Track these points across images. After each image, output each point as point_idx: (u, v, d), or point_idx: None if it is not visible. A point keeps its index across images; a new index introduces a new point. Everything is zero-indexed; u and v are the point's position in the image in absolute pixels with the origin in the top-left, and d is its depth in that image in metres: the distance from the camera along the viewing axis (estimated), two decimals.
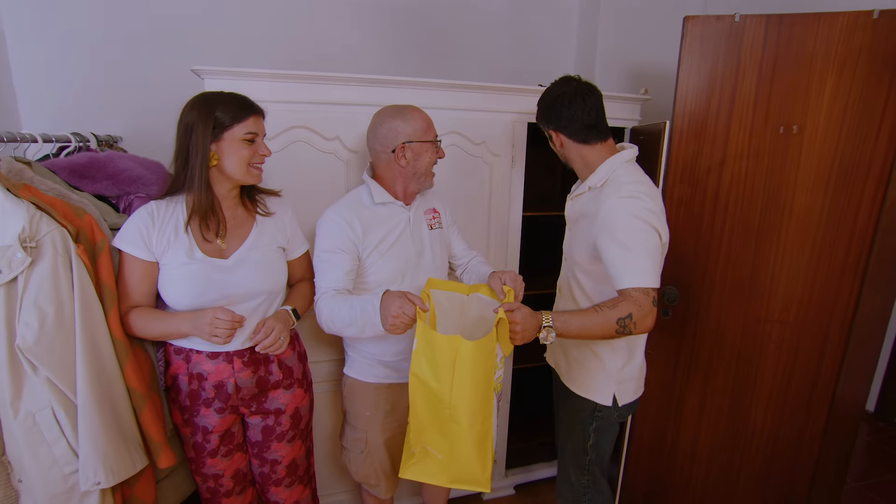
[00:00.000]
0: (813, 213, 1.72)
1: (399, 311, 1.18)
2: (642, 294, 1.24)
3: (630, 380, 1.48)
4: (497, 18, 2.33)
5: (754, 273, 1.80)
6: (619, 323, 1.24)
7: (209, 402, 1.33)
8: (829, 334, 1.82)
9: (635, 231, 1.27)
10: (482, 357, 1.14)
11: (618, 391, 1.46)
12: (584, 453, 1.52)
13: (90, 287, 1.15)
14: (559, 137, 1.42)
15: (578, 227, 1.45)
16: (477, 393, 1.15)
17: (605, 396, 1.46)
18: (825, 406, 1.88)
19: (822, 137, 1.67)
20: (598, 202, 1.35)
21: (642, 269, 1.25)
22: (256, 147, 1.29)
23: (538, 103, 1.45)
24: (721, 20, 1.65)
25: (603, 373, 1.46)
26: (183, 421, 1.34)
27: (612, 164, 1.38)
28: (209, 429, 1.34)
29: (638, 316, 1.24)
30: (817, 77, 1.64)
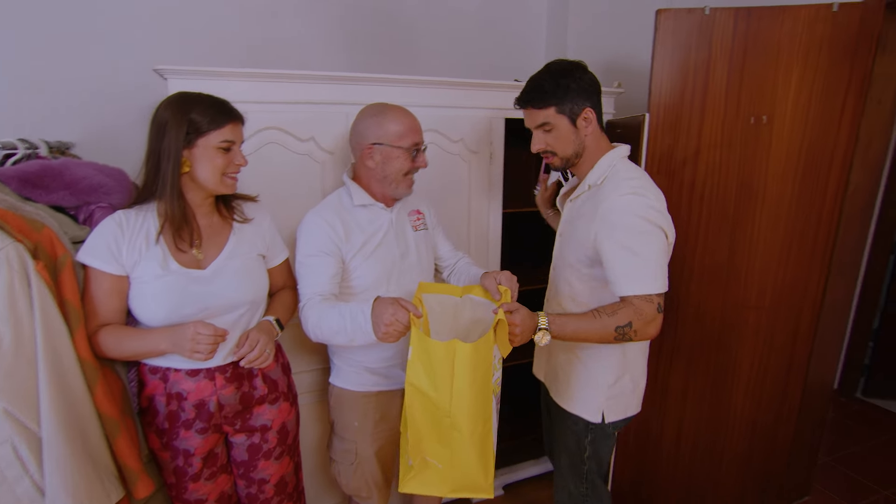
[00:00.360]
0: (783, 200, 1.77)
1: (392, 318, 1.13)
2: (644, 301, 1.20)
3: (621, 396, 1.41)
4: (466, 14, 2.30)
5: (731, 260, 1.84)
6: (618, 331, 1.20)
7: (189, 423, 1.24)
8: (801, 318, 1.88)
9: (640, 233, 1.20)
10: (480, 359, 1.11)
11: (606, 408, 1.40)
12: (581, 464, 1.47)
13: (52, 306, 1.05)
14: (593, 115, 1.30)
15: (574, 229, 1.36)
16: (477, 397, 1.12)
17: (593, 412, 1.40)
18: (799, 387, 1.95)
19: (789, 127, 1.72)
20: (596, 201, 1.28)
21: (646, 274, 1.20)
22: (232, 156, 1.21)
23: (567, 87, 1.27)
24: (692, 13, 1.67)
25: (592, 387, 1.40)
26: (161, 445, 1.25)
27: (611, 160, 1.33)
28: (191, 451, 1.26)
29: (639, 324, 1.19)
30: (783, 68, 1.68)
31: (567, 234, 1.42)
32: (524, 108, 1.35)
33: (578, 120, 1.30)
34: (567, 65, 1.31)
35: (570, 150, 1.34)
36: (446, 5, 2.25)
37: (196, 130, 1.14)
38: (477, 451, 1.14)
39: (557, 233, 1.49)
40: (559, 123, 1.30)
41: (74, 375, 1.09)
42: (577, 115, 1.29)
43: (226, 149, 1.19)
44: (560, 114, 1.29)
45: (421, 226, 1.53)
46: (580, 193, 1.38)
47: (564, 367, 1.44)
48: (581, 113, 1.29)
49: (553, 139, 1.33)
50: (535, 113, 1.32)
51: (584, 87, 1.29)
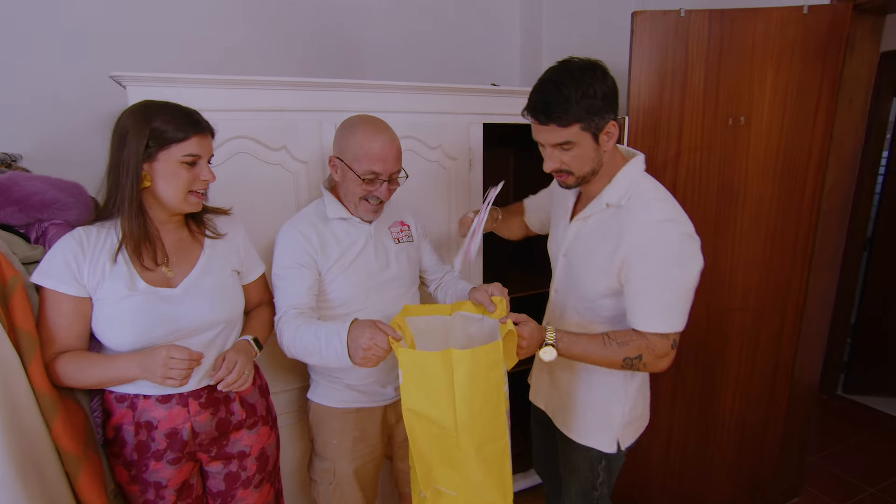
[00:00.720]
0: (764, 201, 1.77)
1: (370, 342, 1.06)
2: (660, 338, 1.12)
3: (635, 420, 1.33)
4: (439, 18, 2.27)
5: (714, 264, 1.82)
6: (626, 361, 1.13)
7: (160, 454, 1.14)
8: (785, 318, 1.88)
9: (675, 266, 1.10)
10: (484, 367, 1.02)
11: (622, 436, 1.31)
12: (592, 490, 1.37)
13: (2, 335, 0.95)
14: (616, 128, 1.13)
15: (591, 256, 1.21)
16: (484, 409, 1.03)
17: (608, 443, 1.30)
18: (786, 387, 1.94)
19: (766, 128, 1.73)
20: (620, 223, 1.14)
21: (670, 312, 1.12)
22: (198, 171, 1.12)
23: (594, 97, 1.07)
24: (668, 15, 1.67)
25: (606, 418, 1.30)
26: (130, 478, 1.15)
27: (631, 174, 1.18)
28: (162, 483, 1.16)
29: (649, 358, 1.13)
30: (758, 69, 1.69)
31: (578, 258, 1.26)
32: (543, 125, 1.12)
33: (601, 135, 1.12)
34: (588, 67, 1.09)
35: (588, 167, 1.16)
36: (419, 9, 2.21)
37: (157, 142, 1.06)
38: (490, 470, 1.06)
39: (560, 252, 1.32)
40: (582, 141, 1.11)
41: (29, 410, 0.99)
42: (601, 130, 1.11)
43: (190, 163, 1.10)
44: (585, 131, 1.10)
45: (404, 237, 1.47)
46: (593, 213, 1.22)
47: (572, 396, 1.34)
48: (605, 127, 1.11)
49: (571, 158, 1.14)
50: (556, 131, 1.10)
51: (610, 94, 1.10)
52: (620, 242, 1.13)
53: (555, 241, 1.38)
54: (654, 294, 1.12)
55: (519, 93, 1.83)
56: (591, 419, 1.31)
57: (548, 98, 1.08)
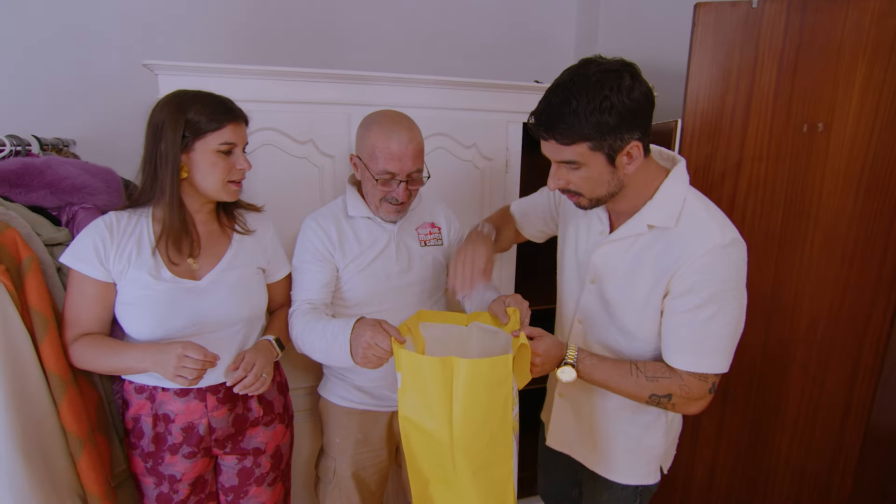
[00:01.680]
0: (841, 220, 1.54)
1: (371, 342, 1.02)
2: (698, 380, 0.98)
3: (672, 444, 1.23)
4: (489, 12, 2.17)
5: (776, 287, 1.62)
6: (652, 398, 1.00)
7: (176, 447, 1.15)
8: (861, 355, 1.63)
9: (735, 298, 0.96)
10: (488, 382, 0.92)
11: (665, 463, 1.21)
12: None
13: (13, 313, 0.98)
14: (640, 151, 0.93)
15: (634, 286, 1.04)
16: (485, 428, 0.94)
17: (649, 476, 1.18)
18: (859, 434, 1.69)
19: (850, 136, 1.50)
20: (671, 248, 0.97)
21: (715, 349, 0.97)
22: (234, 160, 1.12)
23: (608, 110, 0.87)
24: (737, 6, 1.48)
25: (641, 451, 1.17)
26: (145, 469, 1.16)
27: (676, 191, 0.99)
28: (177, 477, 1.16)
29: (680, 400, 0.99)
30: (846, 68, 1.47)
31: (616, 288, 1.07)
32: (544, 139, 0.96)
33: (620, 156, 0.92)
34: (610, 74, 0.88)
35: (604, 191, 0.98)
36: (469, 6, 2.13)
37: (193, 132, 1.06)
38: (489, 500, 0.97)
39: (587, 277, 1.13)
40: (592, 163, 0.94)
41: (37, 388, 1.02)
42: (618, 151, 0.92)
43: (226, 152, 1.10)
44: (595, 150, 0.92)
45: (432, 241, 1.39)
46: (631, 235, 1.03)
47: (609, 441, 1.19)
48: (625, 148, 0.91)
49: (580, 179, 0.97)
50: (559, 148, 0.94)
51: (633, 108, 0.88)
52: (671, 271, 0.97)
53: (573, 261, 1.19)
54: (699, 326, 0.96)
55: None
56: (626, 458, 1.17)
57: (553, 108, 0.91)
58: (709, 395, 1.00)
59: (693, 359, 0.98)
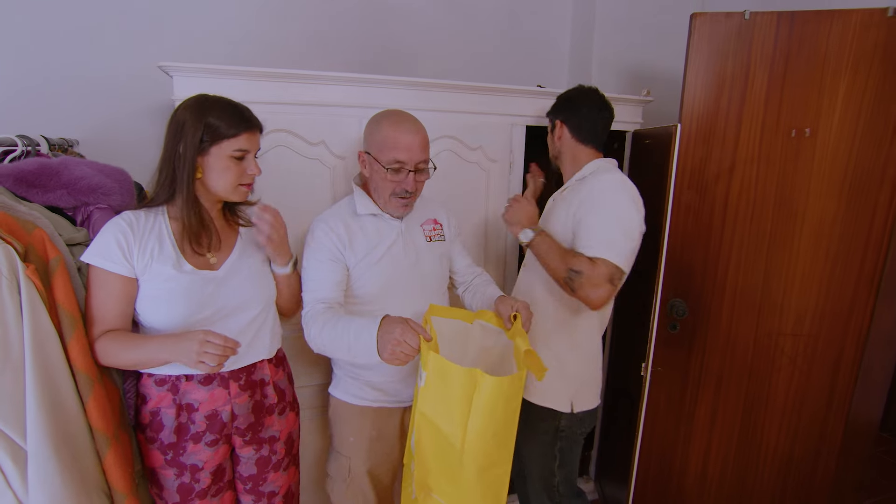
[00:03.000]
0: (826, 221, 1.64)
1: (401, 339, 1.04)
2: (603, 264, 1.26)
3: (588, 384, 1.49)
4: (488, 19, 2.22)
5: (766, 284, 1.70)
6: (570, 272, 1.28)
7: (199, 436, 1.17)
8: (844, 348, 1.73)
9: (622, 213, 1.31)
10: (506, 397, 1.00)
11: (575, 397, 1.46)
12: (551, 476, 1.50)
13: (43, 312, 0.99)
14: (562, 130, 1.50)
15: (556, 216, 1.46)
16: (495, 436, 1.01)
17: (563, 402, 1.46)
18: (841, 423, 1.79)
19: (835, 141, 1.59)
20: (579, 189, 1.40)
21: (617, 245, 1.27)
22: (246, 165, 1.16)
23: (559, 96, 1.53)
24: (730, 17, 1.56)
25: (560, 377, 1.44)
26: (165, 462, 1.17)
27: (598, 163, 1.46)
28: (199, 466, 1.19)
29: (587, 280, 1.25)
30: (830, 77, 1.56)
31: (545, 222, 1.50)
32: None
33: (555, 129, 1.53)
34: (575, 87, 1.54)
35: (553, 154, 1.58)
36: (469, 10, 2.17)
37: (211, 137, 1.10)
38: (487, 495, 1.04)
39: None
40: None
41: (66, 387, 1.02)
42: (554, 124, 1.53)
43: (239, 158, 1.14)
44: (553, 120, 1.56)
45: (436, 236, 1.45)
46: (567, 187, 1.49)
47: None
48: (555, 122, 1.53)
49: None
50: None
51: (561, 102, 1.53)
52: (572, 204, 1.38)
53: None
54: (601, 225, 1.30)
55: None
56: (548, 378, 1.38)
57: None
58: (608, 284, 1.26)
59: (595, 249, 1.28)
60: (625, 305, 1.96)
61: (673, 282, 1.74)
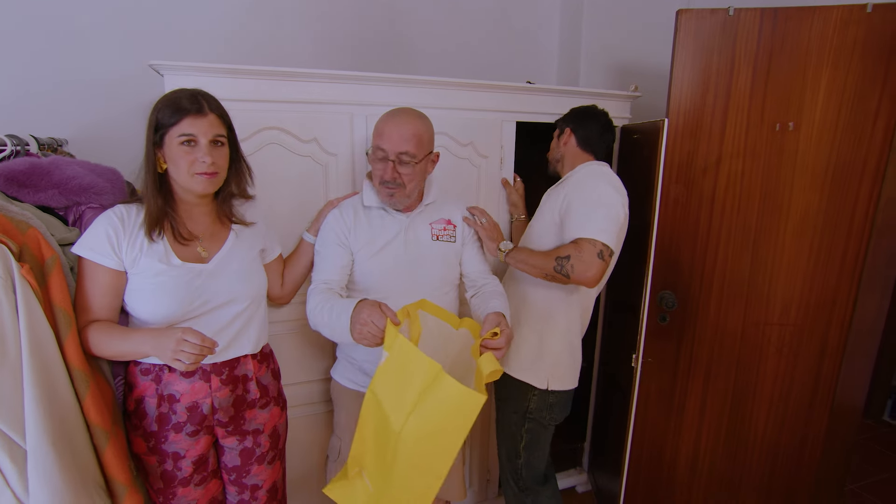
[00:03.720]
0: (810, 213, 1.68)
1: (368, 320, 1.10)
2: (588, 243, 1.32)
3: (563, 365, 1.55)
4: (477, 14, 2.23)
5: (752, 276, 1.74)
6: (557, 262, 1.35)
7: (180, 426, 1.18)
8: (828, 337, 1.77)
9: (602, 194, 1.40)
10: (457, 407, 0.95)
11: (551, 375, 1.53)
12: (516, 457, 1.60)
13: (39, 312, 0.99)
14: (569, 137, 1.59)
15: (546, 209, 1.55)
16: (435, 442, 0.98)
17: (539, 378, 1.53)
18: (826, 410, 1.84)
19: (817, 134, 1.63)
20: (566, 181, 1.53)
21: (598, 223, 1.34)
22: (195, 152, 1.12)
23: (573, 108, 1.63)
24: (715, 13, 1.59)
25: (538, 353, 1.53)
26: (148, 449, 1.19)
27: (591, 163, 1.57)
28: (181, 454, 1.20)
29: (576, 259, 1.32)
30: (812, 72, 1.59)
31: (536, 218, 1.60)
32: None
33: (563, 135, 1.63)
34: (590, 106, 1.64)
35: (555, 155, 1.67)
36: (457, 5, 2.18)
37: (161, 127, 1.11)
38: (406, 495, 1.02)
39: (529, 225, 1.63)
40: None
41: (63, 385, 1.03)
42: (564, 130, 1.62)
43: (188, 143, 1.12)
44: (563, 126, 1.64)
45: (445, 236, 1.45)
46: (556, 185, 1.58)
47: (516, 341, 1.55)
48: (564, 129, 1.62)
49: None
50: None
51: (574, 114, 1.62)
52: (560, 195, 1.48)
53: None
54: (584, 212, 1.38)
55: (554, 91, 1.79)
56: (521, 356, 1.55)
57: None
58: (598, 259, 1.31)
59: (581, 230, 1.35)
60: (616, 298, 1.99)
61: (662, 274, 1.77)
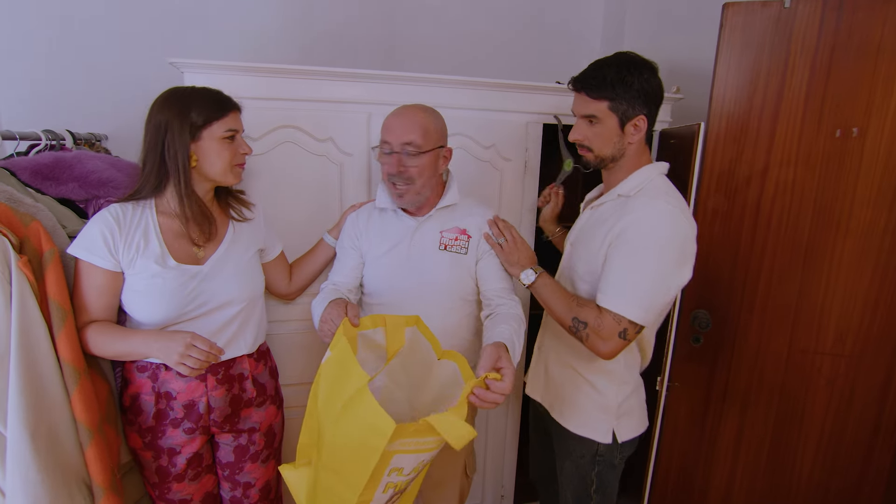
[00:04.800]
0: (875, 230, 1.48)
1: (327, 317, 1.10)
2: (612, 320, 1.11)
3: (631, 413, 1.32)
4: (514, 12, 2.16)
5: (801, 297, 1.56)
6: (574, 322, 1.17)
7: (177, 422, 1.20)
8: (893, 371, 1.56)
9: (656, 248, 1.10)
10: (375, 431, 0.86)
11: (617, 427, 1.30)
12: (588, 499, 1.36)
13: (33, 304, 1.01)
14: (644, 124, 1.18)
15: (589, 237, 1.24)
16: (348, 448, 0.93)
17: (603, 433, 1.30)
18: (889, 453, 1.62)
19: (888, 142, 1.44)
20: (622, 211, 1.16)
21: (631, 292, 1.10)
22: (237, 145, 1.19)
23: (638, 88, 1.14)
24: (767, 6, 1.43)
25: (600, 406, 1.30)
26: (144, 444, 1.21)
27: (649, 173, 1.21)
28: (176, 450, 1.22)
29: (592, 332, 1.14)
30: (884, 71, 1.41)
31: (579, 242, 1.30)
32: (577, 92, 1.21)
33: (628, 125, 1.17)
34: (640, 61, 1.17)
35: (608, 151, 1.21)
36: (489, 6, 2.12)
37: (201, 122, 1.12)
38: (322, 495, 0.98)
39: (568, 241, 1.37)
40: (607, 121, 1.18)
41: (50, 377, 1.04)
42: (629, 118, 1.17)
43: (230, 138, 1.17)
44: (612, 111, 1.17)
45: (455, 247, 1.34)
46: (606, 201, 1.26)
47: (568, 387, 1.34)
48: (634, 118, 1.17)
49: (594, 135, 1.20)
50: (587, 101, 1.19)
51: (648, 91, 1.16)
52: (615, 227, 1.15)
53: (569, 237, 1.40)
54: (623, 271, 1.12)
55: None
56: (586, 409, 1.31)
57: (589, 70, 1.19)
58: (619, 339, 1.12)
59: (610, 298, 1.12)
60: None
61: (697, 292, 1.62)
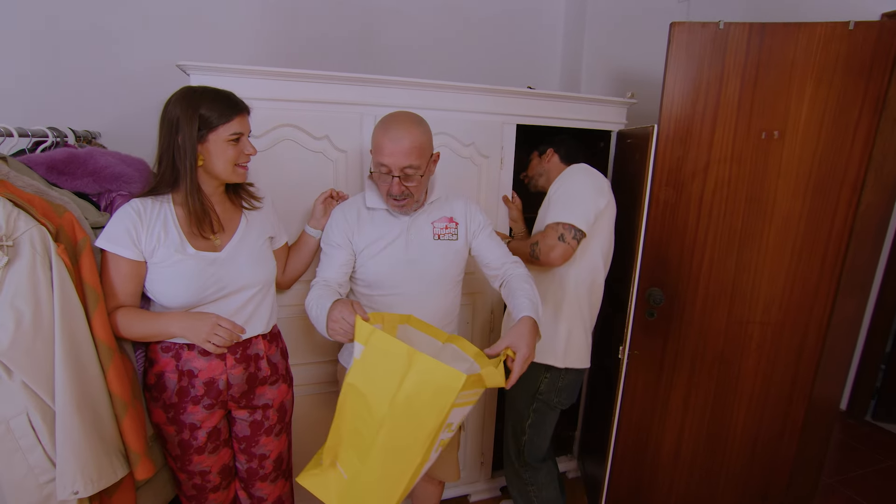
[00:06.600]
0: (792, 218, 1.77)
1: (338, 317, 1.16)
2: (552, 228, 1.55)
3: (576, 343, 1.70)
4: (483, 21, 2.33)
5: (737, 276, 1.84)
6: (531, 247, 1.61)
7: (198, 399, 1.30)
8: (806, 336, 1.87)
9: (573, 184, 1.63)
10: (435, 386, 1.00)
11: (566, 353, 1.68)
12: (522, 433, 1.73)
13: (71, 287, 1.09)
14: (552, 155, 1.86)
15: (541, 213, 1.73)
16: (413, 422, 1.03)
17: (555, 357, 1.67)
18: (803, 405, 1.93)
19: (801, 144, 1.72)
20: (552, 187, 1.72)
21: (565, 209, 1.55)
22: (241, 147, 1.27)
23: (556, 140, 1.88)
24: (706, 27, 1.68)
25: (552, 333, 1.68)
26: (167, 419, 1.30)
27: (569, 167, 1.76)
28: (197, 425, 1.32)
29: (542, 246, 1.57)
30: (797, 84, 1.68)
31: (535, 226, 1.77)
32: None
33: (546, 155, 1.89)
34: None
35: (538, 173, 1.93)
36: (462, 13, 2.28)
37: (207, 126, 1.20)
38: (384, 481, 1.06)
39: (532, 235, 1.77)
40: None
41: (88, 355, 1.13)
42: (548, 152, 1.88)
43: (235, 140, 1.24)
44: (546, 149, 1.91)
45: (447, 235, 1.47)
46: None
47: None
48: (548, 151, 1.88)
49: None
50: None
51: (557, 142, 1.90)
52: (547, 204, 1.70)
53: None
54: (556, 203, 1.62)
55: (553, 96, 1.88)
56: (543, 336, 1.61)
57: None
58: (559, 242, 1.56)
59: (549, 219, 1.61)
60: (607, 293, 2.09)
61: (651, 272, 1.87)
